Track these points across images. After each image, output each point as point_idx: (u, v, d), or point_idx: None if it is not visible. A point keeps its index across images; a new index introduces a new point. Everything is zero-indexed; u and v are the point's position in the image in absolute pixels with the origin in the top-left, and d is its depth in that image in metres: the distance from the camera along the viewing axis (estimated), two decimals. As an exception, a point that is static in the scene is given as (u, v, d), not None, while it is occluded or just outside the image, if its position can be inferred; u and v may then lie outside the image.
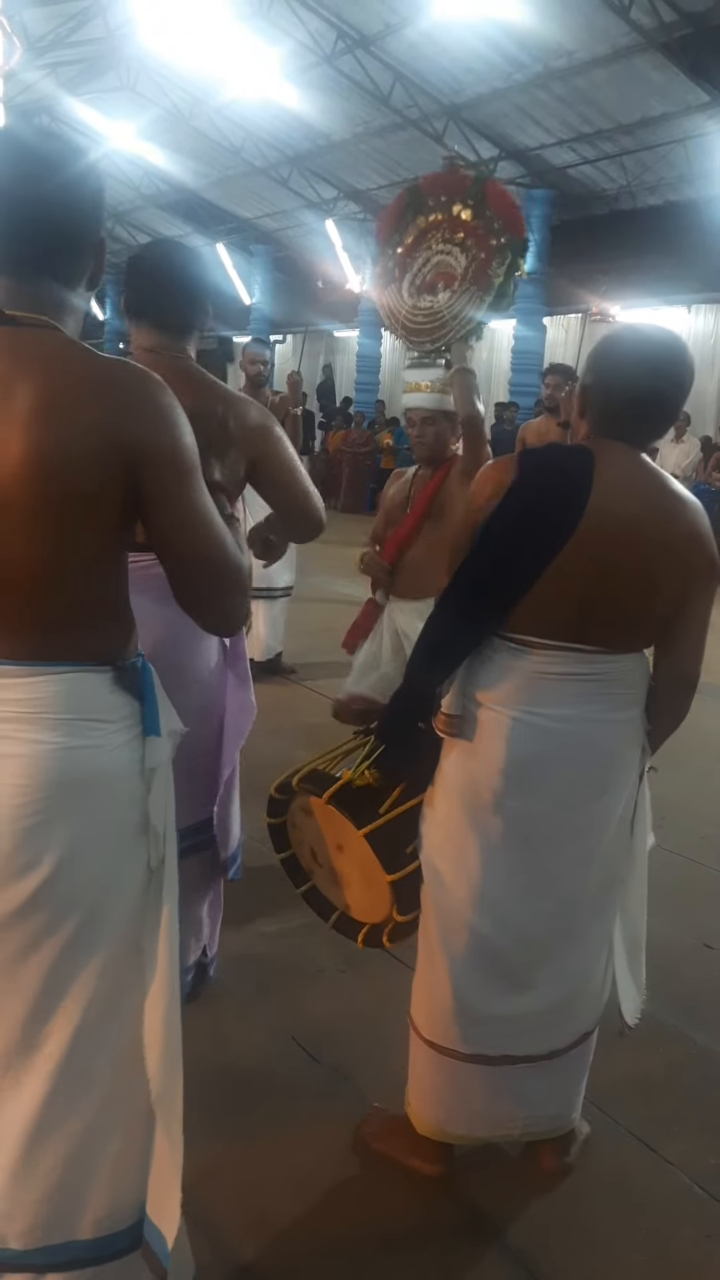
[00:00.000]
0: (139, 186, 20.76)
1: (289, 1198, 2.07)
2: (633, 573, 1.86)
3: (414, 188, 3.63)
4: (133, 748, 1.48)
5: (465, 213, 3.41)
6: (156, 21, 13.54)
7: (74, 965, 1.45)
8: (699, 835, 4.01)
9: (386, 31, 12.88)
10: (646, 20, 10.82)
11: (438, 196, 3.53)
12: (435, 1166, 2.13)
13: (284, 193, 18.90)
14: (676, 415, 1.96)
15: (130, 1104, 1.52)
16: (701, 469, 11.81)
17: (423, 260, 3.54)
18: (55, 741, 1.40)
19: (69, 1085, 1.47)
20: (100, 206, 1.47)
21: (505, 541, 1.87)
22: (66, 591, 1.39)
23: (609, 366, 1.91)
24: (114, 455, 1.35)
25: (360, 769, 2.13)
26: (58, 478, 1.33)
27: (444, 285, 3.44)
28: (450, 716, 1.96)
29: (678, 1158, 2.24)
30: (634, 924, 2.19)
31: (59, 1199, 1.49)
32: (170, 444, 1.39)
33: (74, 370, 1.36)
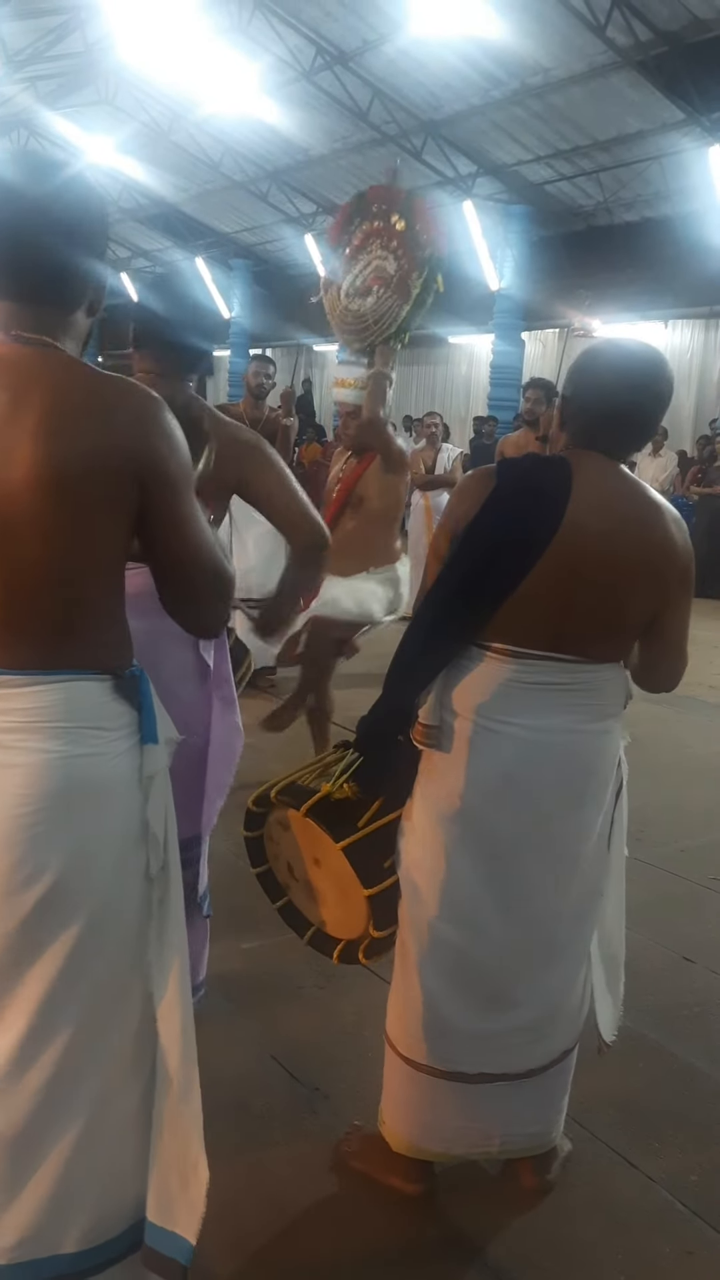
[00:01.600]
0: (118, 200, 20.77)
1: (267, 1218, 2.04)
2: (609, 580, 1.86)
3: (361, 194, 3.99)
4: (132, 755, 1.50)
5: (400, 223, 3.69)
6: (135, 36, 13.58)
7: (77, 975, 1.45)
8: (678, 848, 4.02)
9: (365, 48, 12.98)
10: (622, 38, 10.95)
11: (380, 204, 3.82)
12: (415, 1185, 2.11)
13: (263, 207, 18.98)
14: (655, 428, 1.97)
15: (119, 1113, 1.52)
16: (679, 482, 11.90)
17: (363, 263, 3.89)
18: (58, 750, 1.41)
19: (59, 1099, 1.47)
20: (102, 235, 1.50)
21: (483, 551, 1.87)
22: (71, 601, 1.42)
23: (589, 379, 1.93)
24: (119, 469, 1.39)
25: (339, 782, 2.12)
26: (65, 490, 1.36)
27: (377, 289, 3.75)
28: (428, 727, 1.96)
29: (660, 1174, 2.23)
30: (612, 939, 2.18)
31: (44, 1214, 1.48)
32: (171, 459, 1.44)
33: (80, 387, 1.40)
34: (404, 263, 3.64)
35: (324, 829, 2.09)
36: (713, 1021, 2.84)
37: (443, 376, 19.04)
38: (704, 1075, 2.60)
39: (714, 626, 8.71)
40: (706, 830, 4.30)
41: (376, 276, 3.75)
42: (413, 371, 19.40)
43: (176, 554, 1.49)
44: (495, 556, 1.86)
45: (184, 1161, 1.53)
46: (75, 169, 1.49)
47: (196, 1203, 1.51)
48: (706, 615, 9.32)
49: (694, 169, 12.74)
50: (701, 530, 10.95)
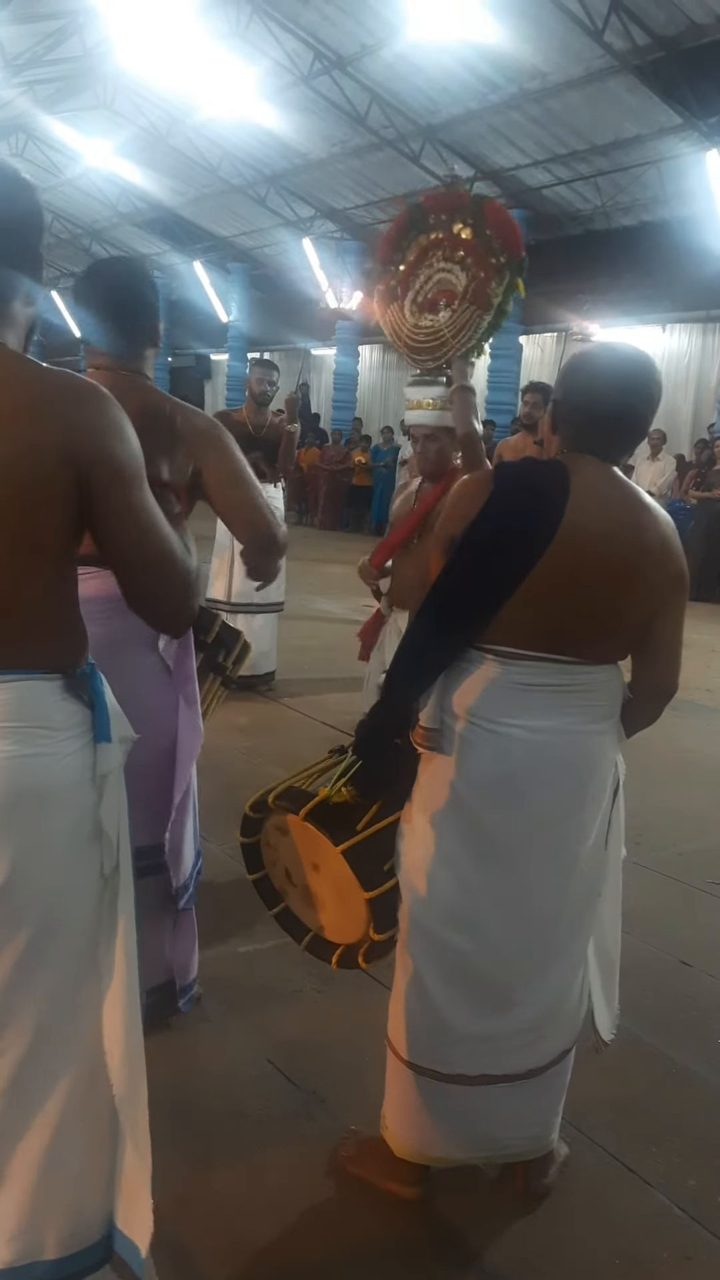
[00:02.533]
0: (115, 204, 20.82)
1: (263, 1223, 2.04)
2: (606, 584, 1.87)
3: (416, 205, 3.70)
4: (84, 755, 1.48)
5: (465, 231, 3.49)
6: (133, 40, 13.61)
7: (29, 979, 1.43)
8: (675, 851, 4.02)
9: (363, 53, 13.01)
10: (619, 43, 10.99)
11: (439, 215, 3.61)
12: (411, 1189, 2.10)
13: (261, 211, 19.01)
14: (646, 430, 1.98)
15: (90, 1119, 1.50)
16: (677, 486, 11.91)
17: (424, 278, 3.62)
18: (7, 751, 1.39)
19: (27, 1100, 1.45)
20: (33, 220, 1.47)
21: (481, 555, 1.88)
22: (18, 602, 1.40)
23: (579, 383, 1.94)
24: (64, 465, 1.37)
25: (337, 785, 2.12)
26: (10, 487, 1.33)
27: (445, 303, 3.52)
28: (428, 730, 1.96)
29: (656, 1178, 2.22)
30: (608, 939, 2.18)
31: (25, 1218, 1.47)
32: (117, 453, 1.41)
33: (20, 382, 1.37)
34: (478, 271, 3.41)
35: (323, 833, 2.09)
36: (710, 1026, 2.84)
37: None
38: (701, 1080, 2.60)
39: (711, 630, 8.73)
40: (704, 834, 4.30)
41: (441, 290, 3.52)
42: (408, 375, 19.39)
43: (132, 547, 1.45)
44: (495, 558, 1.87)
45: (135, 1167, 1.50)
46: (3, 160, 1.47)
47: (145, 1214, 1.48)
48: (704, 619, 9.35)
49: (691, 173, 12.78)
50: (699, 534, 10.97)
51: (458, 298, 3.48)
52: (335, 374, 19.84)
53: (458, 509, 1.95)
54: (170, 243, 22.07)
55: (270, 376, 6.10)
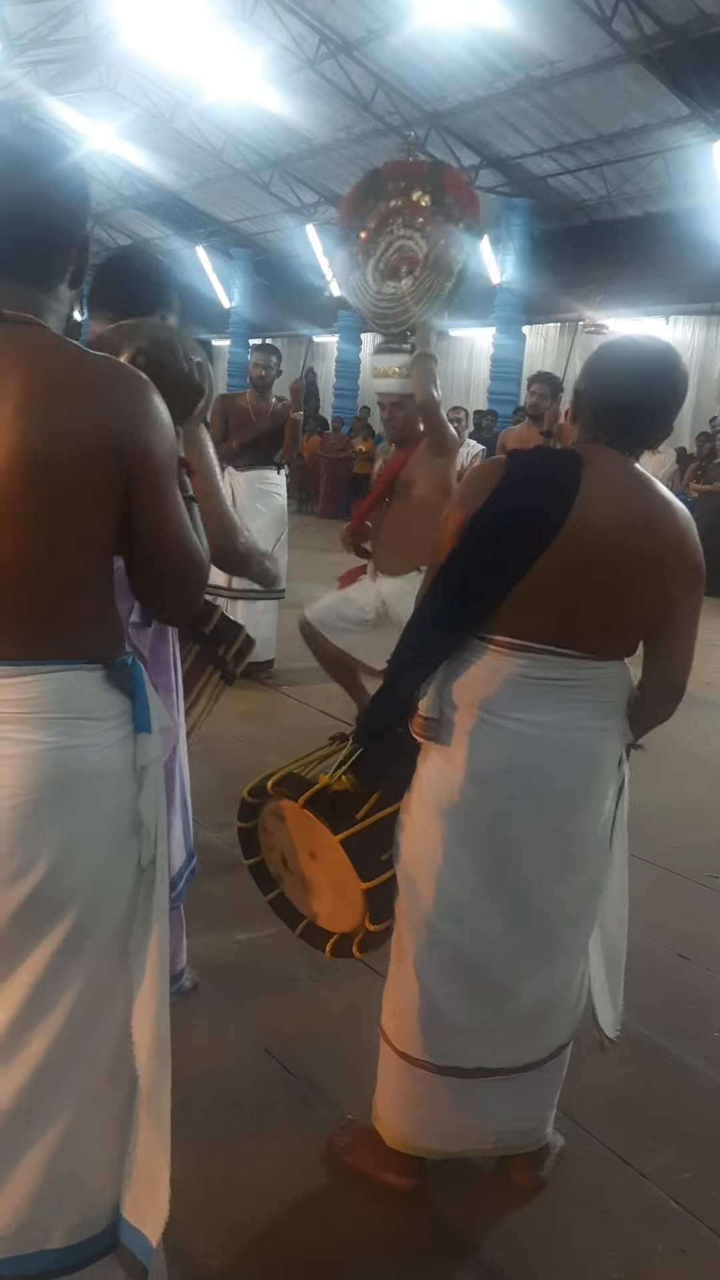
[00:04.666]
0: (118, 187, 20.70)
1: (258, 1212, 2.03)
2: (618, 577, 1.85)
3: (374, 172, 3.78)
4: (125, 746, 1.47)
5: (424, 199, 3.54)
6: (138, 22, 13.52)
7: (65, 968, 1.43)
8: (674, 844, 4.01)
9: (369, 37, 12.93)
10: (628, 32, 10.92)
11: (398, 182, 3.65)
12: (407, 1180, 2.09)
13: (264, 197, 18.92)
14: (668, 423, 1.96)
15: (106, 1108, 1.50)
16: (678, 479, 11.88)
17: (385, 244, 3.70)
18: (49, 741, 1.39)
19: (47, 1092, 1.45)
20: (82, 205, 1.47)
21: (489, 543, 1.86)
22: (58, 589, 1.39)
23: (603, 372, 1.93)
24: (104, 451, 1.35)
25: (338, 774, 2.10)
26: (48, 472, 1.32)
27: (407, 269, 3.57)
28: (427, 720, 1.94)
29: (653, 1171, 2.22)
30: (613, 936, 2.17)
31: (33, 1207, 1.46)
32: (156, 443, 1.40)
33: (63, 366, 1.36)
34: (439, 239, 3.47)
35: (322, 821, 2.07)
36: (708, 1019, 2.83)
37: (443, 369, 18.84)
38: (699, 1073, 2.59)
39: (711, 624, 8.71)
40: (703, 827, 4.30)
41: (402, 257, 3.57)
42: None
43: (155, 540, 1.44)
44: (502, 547, 1.85)
45: (153, 1161, 1.50)
46: (59, 146, 1.45)
47: (161, 1204, 1.48)
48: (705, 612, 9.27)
49: (698, 165, 12.71)
50: (701, 528, 10.82)
51: (419, 264, 3.54)
52: (338, 361, 19.77)
53: (467, 496, 1.93)
54: (173, 227, 21.97)
55: (268, 361, 6.05)
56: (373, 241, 3.67)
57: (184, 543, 1.47)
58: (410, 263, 3.57)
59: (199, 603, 1.59)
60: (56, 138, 1.47)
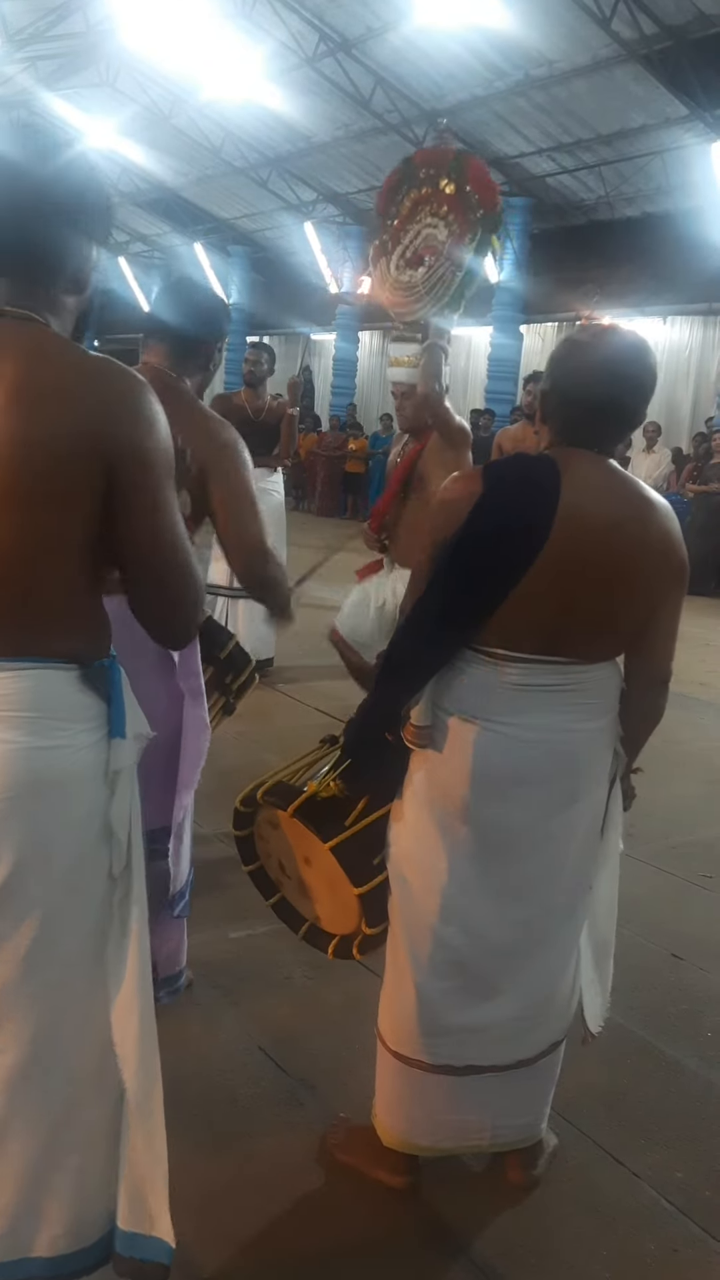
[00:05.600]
0: (117, 184, 20.61)
1: (251, 1209, 2.03)
2: (604, 580, 1.83)
3: (408, 159, 3.75)
4: (98, 749, 1.45)
5: (449, 186, 3.51)
6: (137, 18, 13.48)
7: (32, 976, 1.41)
8: (669, 844, 4.02)
9: (368, 35, 12.91)
10: (627, 32, 10.92)
11: (428, 169, 3.62)
12: (401, 1178, 2.10)
13: (263, 194, 18.88)
14: (639, 419, 1.92)
15: (90, 1116, 1.49)
16: (674, 480, 11.89)
17: (413, 233, 3.67)
18: (19, 740, 1.36)
19: (24, 1099, 1.43)
20: (96, 213, 1.45)
21: (476, 557, 1.83)
22: (37, 586, 1.37)
23: (567, 372, 1.88)
24: (91, 449, 1.33)
25: (326, 781, 2.10)
26: (32, 467, 1.31)
27: (430, 258, 3.55)
28: (420, 728, 1.93)
29: (645, 1170, 2.23)
30: (602, 929, 2.17)
31: (13, 1215, 1.45)
32: (147, 444, 1.38)
33: (54, 361, 1.35)
34: (456, 227, 3.44)
35: (312, 829, 2.07)
36: (701, 1018, 2.84)
37: (441, 367, 18.97)
38: (691, 1073, 2.60)
39: (705, 623, 8.73)
40: (697, 827, 4.31)
41: (427, 246, 3.54)
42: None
43: (149, 544, 1.40)
44: (488, 560, 1.82)
45: (150, 1165, 1.49)
46: (72, 147, 1.45)
47: (163, 1207, 1.48)
48: (699, 612, 9.34)
49: (696, 165, 12.71)
50: (696, 527, 10.95)
51: (437, 254, 3.52)
52: (335, 359, 19.75)
53: (447, 509, 1.88)
54: (171, 224, 21.94)
55: (258, 357, 6.02)
56: (404, 229, 3.64)
57: (182, 551, 1.44)
58: (432, 251, 3.54)
59: (196, 626, 1.55)
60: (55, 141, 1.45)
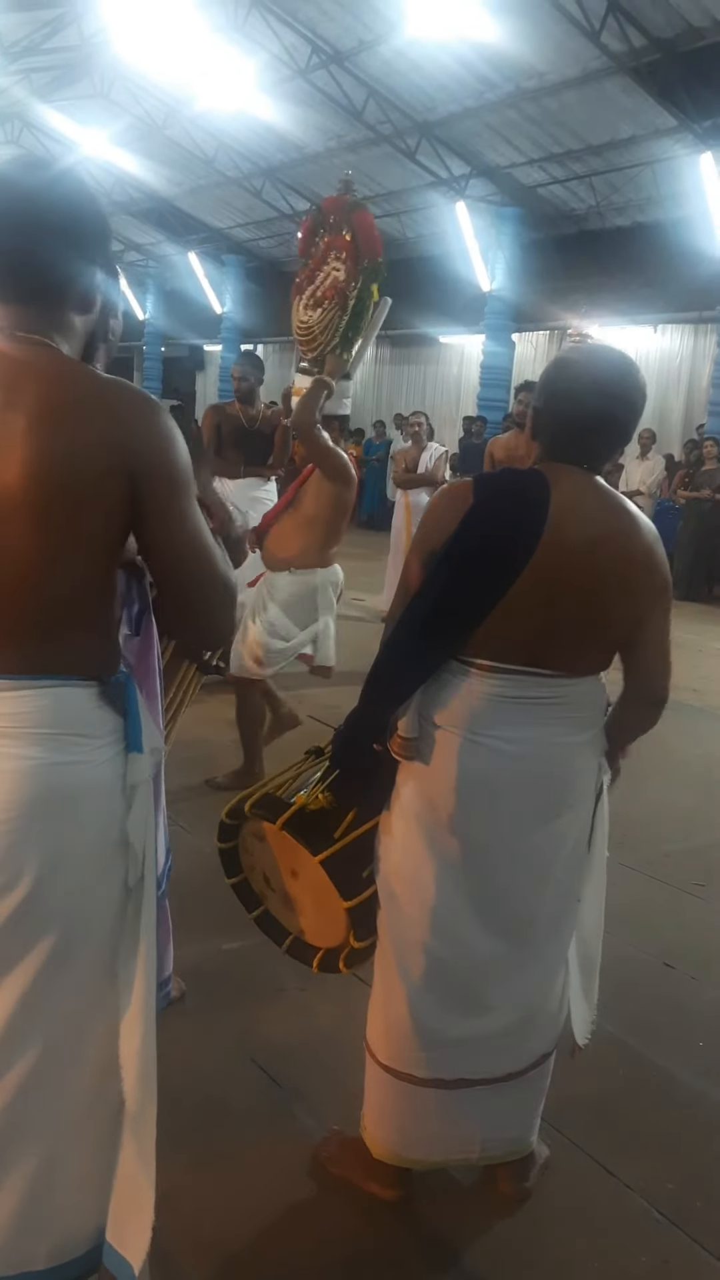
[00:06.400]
0: (111, 194, 20.68)
1: (243, 1223, 2.03)
2: (589, 595, 1.85)
3: (318, 207, 4.07)
4: (115, 764, 1.47)
5: (348, 234, 3.83)
6: (131, 31, 13.53)
7: (49, 987, 1.43)
8: (661, 852, 4.03)
9: (361, 48, 12.97)
10: (616, 44, 10.97)
11: (334, 216, 3.94)
12: (392, 1191, 2.10)
13: (257, 203, 18.95)
14: (629, 436, 1.95)
15: (91, 1128, 1.50)
16: (666, 486, 11.93)
17: (323, 275, 3.97)
18: (39, 757, 1.39)
19: (31, 1111, 1.44)
20: (97, 235, 1.47)
21: (464, 569, 1.85)
22: (59, 604, 1.39)
23: (559, 390, 1.90)
24: (114, 471, 1.36)
25: (314, 793, 2.11)
26: (56, 491, 1.33)
27: (327, 301, 3.85)
28: (407, 740, 1.94)
29: (636, 1181, 2.23)
30: (589, 941, 2.18)
31: (18, 1228, 1.46)
32: (169, 462, 1.41)
33: (74, 386, 1.37)
34: (346, 275, 3.77)
35: (301, 842, 2.07)
36: (692, 1029, 2.84)
37: (433, 376, 19.05)
38: (682, 1083, 2.60)
39: (699, 630, 8.75)
40: (690, 835, 4.31)
41: (331, 287, 3.86)
42: (403, 371, 19.41)
43: (180, 555, 1.44)
44: (476, 573, 1.84)
45: (136, 1184, 1.50)
46: (68, 168, 1.47)
47: (144, 1228, 1.48)
48: (692, 619, 9.37)
49: (685, 175, 12.78)
50: (688, 534, 11.00)
51: (332, 297, 3.82)
52: (328, 369, 19.79)
53: (435, 521, 1.91)
54: (165, 233, 21.99)
55: (244, 371, 6.10)
56: (318, 270, 3.96)
57: (206, 556, 1.46)
58: (333, 293, 3.88)
59: (231, 623, 1.58)
60: (60, 166, 1.47)
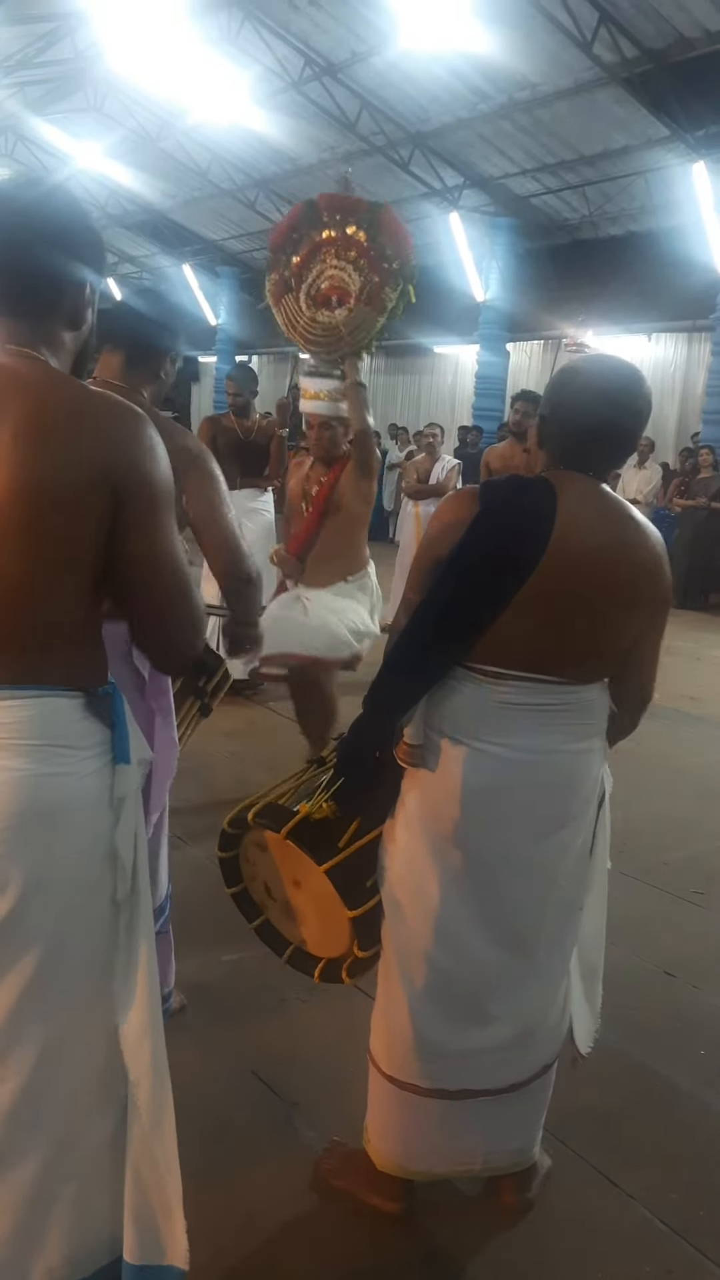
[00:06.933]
0: (105, 206, 20.76)
1: (245, 1236, 2.02)
2: (595, 603, 1.86)
3: (311, 202, 4.02)
4: (102, 776, 1.46)
5: (360, 234, 3.74)
6: (124, 44, 13.58)
7: (36, 1001, 1.42)
8: (660, 861, 4.02)
9: (354, 60, 13.03)
10: (608, 55, 11.05)
11: (333, 214, 3.87)
12: (395, 1203, 2.09)
13: (250, 215, 19.00)
14: (635, 445, 1.97)
15: (89, 1143, 1.49)
16: (661, 495, 11.96)
17: (316, 273, 3.91)
18: (25, 769, 1.38)
19: (23, 1126, 1.43)
20: (87, 246, 1.47)
21: (470, 576, 1.86)
22: (44, 615, 1.39)
23: (567, 398, 1.92)
24: (99, 480, 1.36)
25: (318, 801, 2.10)
26: (41, 503, 1.33)
27: (339, 300, 3.81)
28: (412, 747, 1.95)
29: (639, 1191, 2.22)
30: (591, 951, 2.18)
31: (13, 1245, 1.45)
32: (152, 476, 1.41)
33: (61, 398, 1.38)
34: (372, 276, 3.70)
35: (306, 851, 2.07)
36: (694, 1038, 2.84)
37: (428, 386, 19.11)
38: (685, 1092, 2.60)
39: (696, 638, 8.76)
40: (689, 843, 4.31)
41: (333, 286, 3.80)
42: (398, 381, 19.46)
43: (152, 571, 1.44)
44: (482, 579, 1.85)
45: (162, 1194, 1.49)
46: (57, 181, 1.48)
47: (180, 1233, 1.49)
48: (688, 626, 9.38)
49: (678, 185, 12.84)
50: (684, 542, 11.02)
51: (353, 297, 3.74)
52: (323, 379, 19.85)
53: (443, 528, 1.92)
54: (160, 245, 22.05)
55: (237, 389, 6.13)
56: (305, 268, 3.90)
57: (182, 577, 1.47)
58: (341, 294, 3.82)
59: (196, 646, 1.56)
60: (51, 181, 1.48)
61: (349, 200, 3.84)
